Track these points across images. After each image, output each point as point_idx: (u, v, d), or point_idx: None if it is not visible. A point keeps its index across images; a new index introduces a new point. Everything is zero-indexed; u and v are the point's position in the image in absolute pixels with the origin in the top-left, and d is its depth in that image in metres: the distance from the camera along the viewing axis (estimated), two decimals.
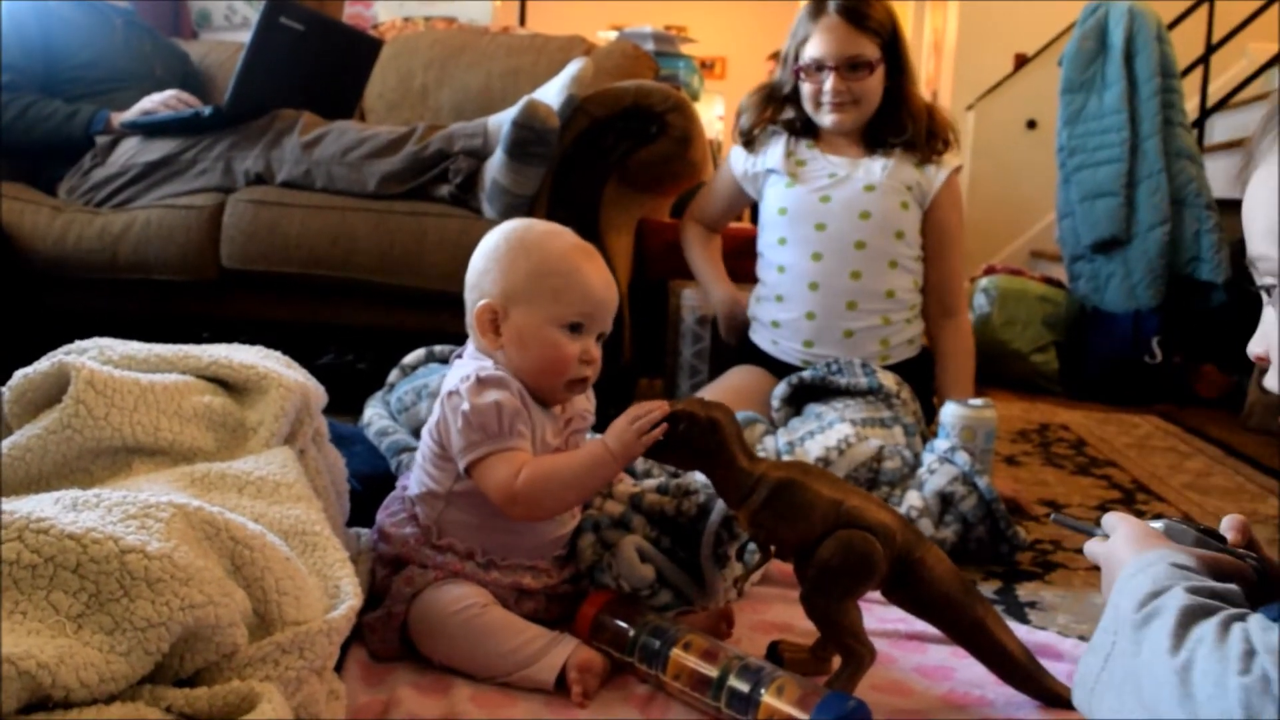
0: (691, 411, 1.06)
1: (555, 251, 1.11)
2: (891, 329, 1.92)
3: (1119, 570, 0.75)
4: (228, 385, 1.13)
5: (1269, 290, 0.69)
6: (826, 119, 1.93)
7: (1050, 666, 1.12)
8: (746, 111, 2.04)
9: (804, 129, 2.00)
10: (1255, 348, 0.70)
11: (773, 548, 1.09)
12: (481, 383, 1.06)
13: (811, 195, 1.92)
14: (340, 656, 0.97)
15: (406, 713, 0.99)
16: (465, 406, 1.05)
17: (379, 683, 1.05)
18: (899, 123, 1.93)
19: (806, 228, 1.92)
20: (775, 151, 1.99)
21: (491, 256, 1.12)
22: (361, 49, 2.55)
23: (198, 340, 1.21)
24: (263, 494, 0.99)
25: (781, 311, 1.95)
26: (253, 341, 1.24)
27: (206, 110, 2.27)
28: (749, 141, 2.03)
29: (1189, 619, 0.63)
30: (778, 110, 2.00)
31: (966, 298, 2.04)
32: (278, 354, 1.21)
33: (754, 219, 2.14)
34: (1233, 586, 0.68)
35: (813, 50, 1.90)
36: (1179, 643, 0.62)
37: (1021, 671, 1.08)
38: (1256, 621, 0.60)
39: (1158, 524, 0.83)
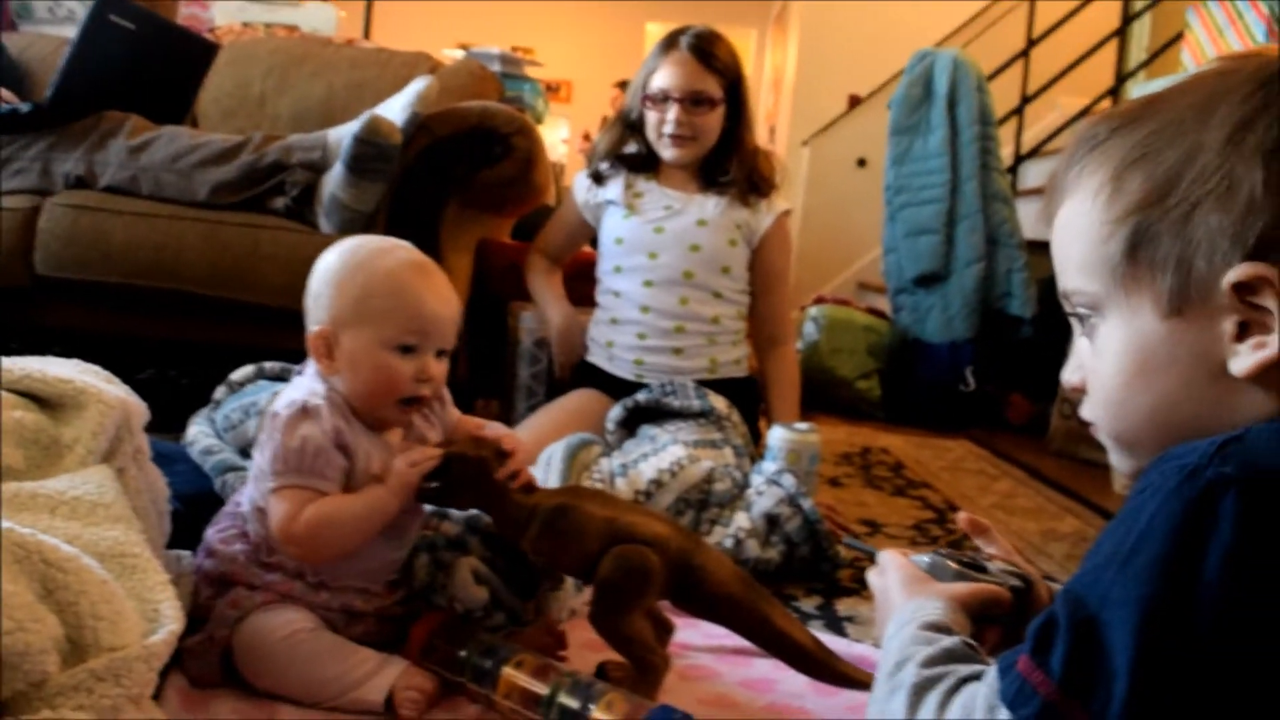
0: (463, 453, 1.10)
1: (382, 271, 1.09)
2: (718, 348, 2.02)
3: (889, 614, 0.81)
4: (41, 400, 1.08)
5: (1082, 320, 0.71)
6: (667, 152, 2.02)
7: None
8: (602, 139, 2.12)
9: (644, 164, 2.08)
10: (1070, 377, 0.73)
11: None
12: (302, 412, 1.05)
13: (646, 226, 2.01)
14: (159, 683, 0.94)
15: None
16: (277, 436, 1.05)
17: (200, 709, 1.02)
18: (728, 163, 2.03)
19: (640, 256, 2.01)
20: (615, 185, 2.07)
21: (323, 279, 1.10)
22: (195, 52, 2.47)
23: (6, 352, 1.15)
24: (78, 514, 0.95)
25: (615, 333, 2.03)
26: (68, 354, 1.19)
27: (25, 107, 2.15)
28: (597, 177, 2.10)
29: (918, 695, 0.68)
30: (627, 138, 2.08)
31: (793, 329, 2.13)
32: (96, 368, 1.16)
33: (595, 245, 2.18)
34: (956, 642, 0.72)
35: (660, 81, 2.00)
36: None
37: (812, 659, 1.14)
38: (964, 698, 0.66)
39: (924, 559, 0.86)
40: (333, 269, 1.10)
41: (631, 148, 2.09)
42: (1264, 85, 0.61)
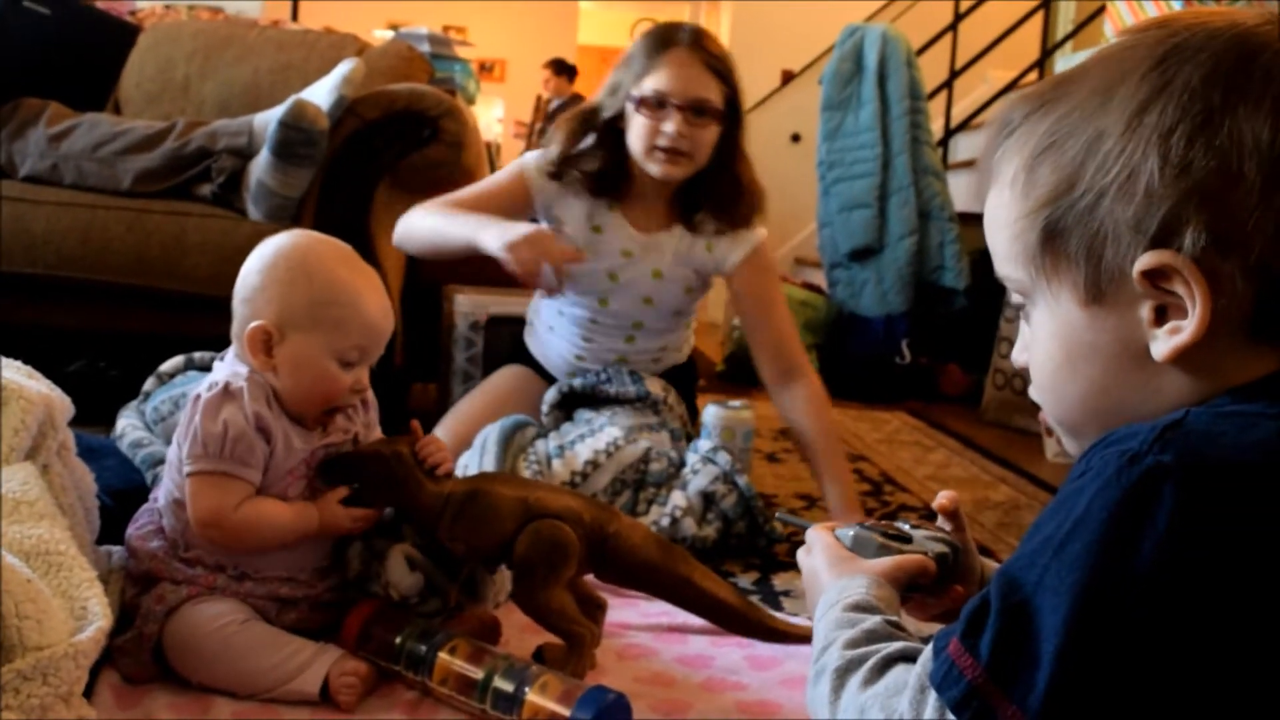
0: (376, 451, 1.11)
1: (339, 280, 1.09)
2: (664, 353, 1.92)
3: (817, 594, 0.83)
4: None
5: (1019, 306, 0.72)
6: (655, 167, 1.73)
7: (802, 651, 1.21)
8: (559, 139, 1.80)
9: (610, 184, 1.79)
10: (1018, 357, 0.73)
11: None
12: (224, 394, 1.05)
13: (600, 272, 1.81)
14: (91, 680, 0.93)
15: None
16: (198, 419, 1.05)
17: (133, 706, 1.02)
18: (704, 198, 1.81)
19: (590, 299, 1.84)
20: (576, 213, 1.81)
21: (270, 275, 1.08)
22: (115, 35, 2.43)
23: None
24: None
25: (553, 341, 1.91)
26: None
27: None
28: (557, 176, 1.80)
29: (841, 677, 0.70)
30: (590, 149, 1.79)
31: (805, 354, 1.87)
32: (17, 363, 1.14)
33: None
34: (878, 622, 0.74)
35: (659, 83, 1.70)
36: (834, 707, 0.70)
37: (738, 615, 1.17)
38: (893, 676, 0.68)
39: (848, 533, 0.88)
40: (281, 267, 1.09)
41: (593, 162, 1.78)
42: (1161, 63, 0.61)
